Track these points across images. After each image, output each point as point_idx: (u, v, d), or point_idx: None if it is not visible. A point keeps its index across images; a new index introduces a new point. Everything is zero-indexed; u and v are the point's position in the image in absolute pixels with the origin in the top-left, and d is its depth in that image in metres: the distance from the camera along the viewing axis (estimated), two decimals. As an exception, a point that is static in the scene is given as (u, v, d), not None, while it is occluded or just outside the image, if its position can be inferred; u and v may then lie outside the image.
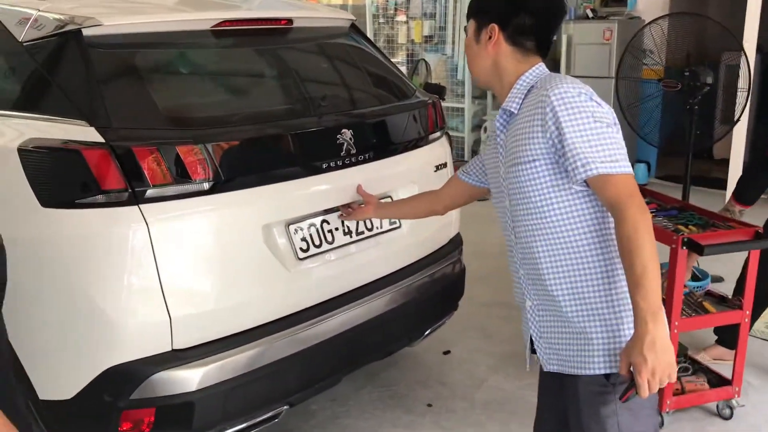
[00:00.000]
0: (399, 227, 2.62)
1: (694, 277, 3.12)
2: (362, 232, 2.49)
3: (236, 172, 2.12)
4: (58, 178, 1.95)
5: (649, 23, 4.22)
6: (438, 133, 2.89)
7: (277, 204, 2.24)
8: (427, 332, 2.87)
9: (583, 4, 6.87)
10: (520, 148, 1.59)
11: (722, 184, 5.71)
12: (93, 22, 2.09)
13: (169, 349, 1.99)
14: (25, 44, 2.19)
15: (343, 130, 2.38)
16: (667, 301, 2.73)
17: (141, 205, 1.93)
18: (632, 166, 6.39)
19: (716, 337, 3.30)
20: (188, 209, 2.02)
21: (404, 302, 2.57)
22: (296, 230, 2.29)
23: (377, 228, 2.55)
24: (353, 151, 2.41)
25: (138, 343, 1.96)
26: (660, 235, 2.80)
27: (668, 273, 2.70)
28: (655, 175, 7.00)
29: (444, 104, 3.00)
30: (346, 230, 2.44)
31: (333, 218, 2.41)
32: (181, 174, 1.99)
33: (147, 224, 1.93)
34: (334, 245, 2.39)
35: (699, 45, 4.36)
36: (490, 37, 1.65)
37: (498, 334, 3.70)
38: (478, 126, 7.27)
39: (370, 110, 2.63)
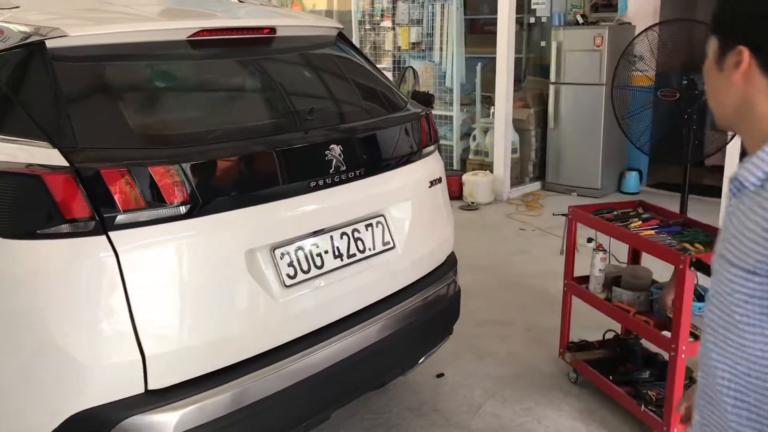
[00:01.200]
0: (393, 248, 2.46)
1: (699, 297, 2.98)
2: (354, 254, 2.33)
3: (216, 194, 1.97)
4: (17, 207, 1.76)
5: (646, 30, 4.11)
6: (431, 147, 2.74)
7: (261, 227, 2.08)
8: (421, 360, 2.71)
9: (573, 9, 6.77)
10: (740, 244, 1.12)
11: (717, 192, 5.62)
12: (58, 33, 1.92)
13: (143, 390, 1.81)
14: (-18, 57, 2.01)
15: (331, 146, 2.23)
16: (674, 325, 2.60)
17: (110, 233, 1.76)
18: (624, 174, 6.24)
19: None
20: (163, 236, 1.86)
21: (398, 330, 2.41)
22: (282, 255, 2.12)
23: (370, 249, 2.38)
24: (343, 168, 2.25)
25: (107, 385, 1.78)
26: (665, 254, 2.68)
27: (675, 295, 2.57)
28: (647, 183, 6.90)
29: (432, 112, 2.86)
30: (337, 253, 2.28)
31: (322, 240, 2.24)
32: (155, 197, 1.83)
33: (117, 254, 1.76)
34: (324, 270, 2.23)
35: (691, 52, 4.25)
36: (737, 64, 1.11)
37: (492, 355, 3.55)
38: (467, 134, 7.13)
39: (360, 124, 2.47)
